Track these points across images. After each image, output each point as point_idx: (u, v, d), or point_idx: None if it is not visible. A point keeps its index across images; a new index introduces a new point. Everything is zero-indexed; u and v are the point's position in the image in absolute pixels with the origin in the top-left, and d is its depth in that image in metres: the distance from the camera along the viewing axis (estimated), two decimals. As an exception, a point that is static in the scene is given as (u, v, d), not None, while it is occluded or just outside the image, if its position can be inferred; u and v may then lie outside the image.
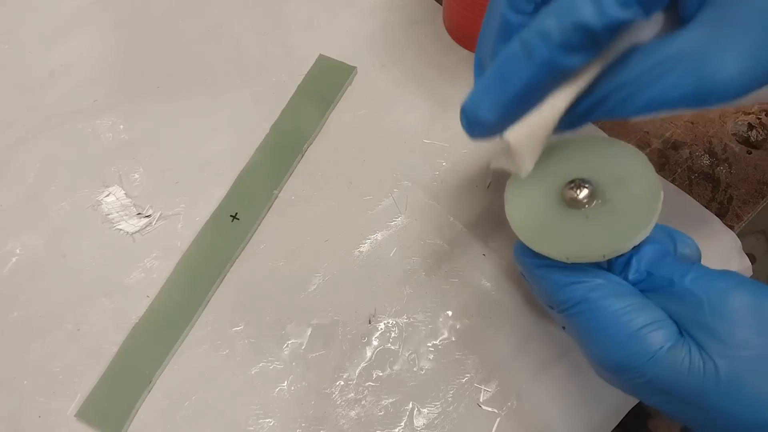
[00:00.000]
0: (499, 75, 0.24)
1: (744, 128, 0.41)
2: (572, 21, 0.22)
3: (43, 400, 0.34)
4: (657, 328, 0.24)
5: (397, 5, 0.46)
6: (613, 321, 0.25)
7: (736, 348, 0.23)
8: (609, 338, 0.25)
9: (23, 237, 0.39)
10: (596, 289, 0.25)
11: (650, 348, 0.24)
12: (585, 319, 0.26)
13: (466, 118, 0.25)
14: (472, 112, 0.25)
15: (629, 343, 0.24)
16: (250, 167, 0.40)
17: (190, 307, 0.36)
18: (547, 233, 0.27)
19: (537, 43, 0.23)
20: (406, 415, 0.34)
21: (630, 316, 0.25)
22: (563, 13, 0.22)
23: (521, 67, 0.23)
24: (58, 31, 0.46)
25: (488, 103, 0.24)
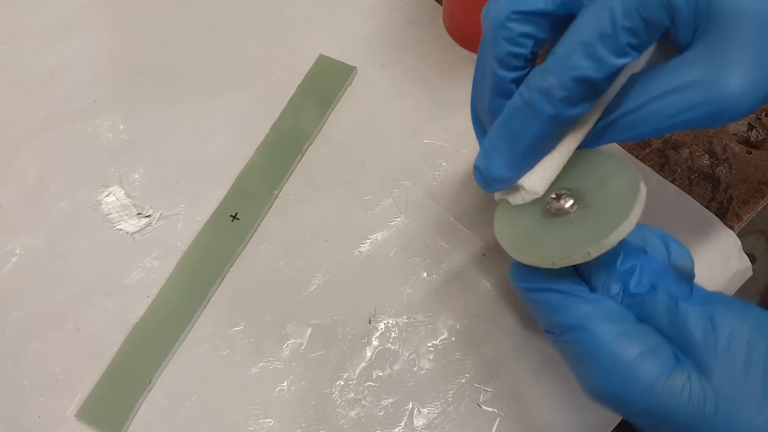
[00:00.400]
0: (508, 133, 0.25)
1: (744, 128, 0.41)
2: (572, 76, 0.23)
3: (43, 400, 0.34)
4: (653, 355, 0.23)
5: (397, 5, 0.46)
6: (607, 349, 0.24)
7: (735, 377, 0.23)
8: (603, 367, 0.24)
9: (23, 237, 0.39)
10: (590, 315, 0.25)
11: (647, 378, 0.23)
12: (578, 346, 0.25)
13: (481, 177, 0.27)
14: (486, 171, 0.26)
15: (624, 373, 0.23)
16: (250, 167, 0.40)
17: (190, 307, 0.36)
18: (533, 243, 0.27)
19: (540, 100, 0.24)
20: (406, 415, 0.34)
21: (625, 344, 0.24)
22: (562, 69, 0.23)
23: (528, 124, 0.24)
24: (58, 31, 0.46)
25: (500, 161, 0.26)
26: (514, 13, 0.24)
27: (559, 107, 0.24)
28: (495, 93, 0.26)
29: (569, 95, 0.23)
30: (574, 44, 0.23)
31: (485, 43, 0.26)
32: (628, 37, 0.22)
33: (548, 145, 0.26)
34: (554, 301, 0.26)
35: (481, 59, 0.27)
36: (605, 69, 0.23)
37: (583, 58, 0.23)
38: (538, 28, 0.25)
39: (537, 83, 0.24)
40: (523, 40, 0.25)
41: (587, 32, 0.23)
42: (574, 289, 0.25)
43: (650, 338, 0.24)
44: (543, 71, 0.24)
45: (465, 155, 0.41)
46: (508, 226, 0.28)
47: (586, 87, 0.23)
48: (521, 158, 0.26)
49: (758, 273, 0.55)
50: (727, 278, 0.37)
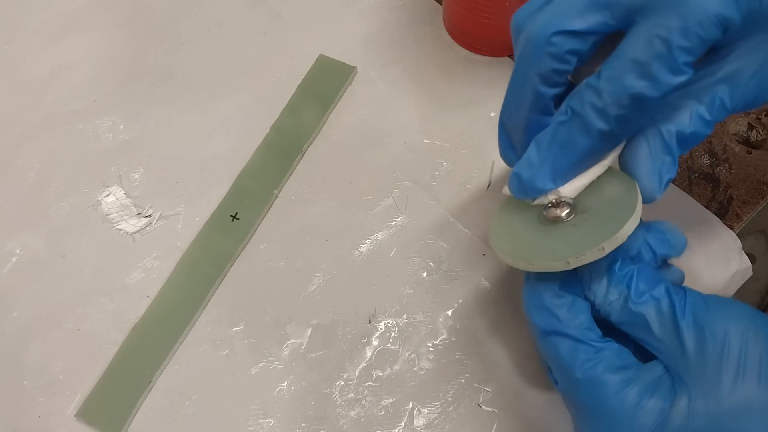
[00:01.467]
0: (556, 147, 0.25)
1: (744, 128, 0.41)
2: (628, 95, 0.23)
3: (43, 400, 0.34)
4: (652, 393, 0.24)
5: (397, 5, 0.46)
6: (610, 401, 0.24)
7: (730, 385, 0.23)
8: (609, 418, 0.24)
9: (23, 237, 0.39)
10: (596, 366, 0.25)
11: (651, 417, 0.23)
12: (583, 400, 0.25)
13: (520, 185, 0.26)
14: (529, 181, 0.26)
15: (630, 420, 0.24)
16: (250, 167, 0.40)
17: (190, 307, 0.36)
18: (540, 248, 0.27)
19: (594, 118, 0.24)
20: (406, 415, 0.34)
21: (626, 392, 0.24)
22: (618, 88, 0.23)
23: (580, 140, 0.24)
24: (58, 31, 0.46)
25: (545, 173, 0.26)
26: (560, 31, 0.24)
27: (614, 125, 0.24)
28: (534, 109, 0.26)
29: (624, 113, 0.23)
30: (628, 63, 0.23)
31: (525, 59, 0.25)
32: (685, 56, 0.22)
33: (595, 160, 0.26)
34: (562, 349, 0.26)
35: (520, 75, 0.26)
36: (662, 88, 0.23)
37: (638, 78, 0.23)
38: (585, 44, 0.24)
39: (591, 100, 0.24)
40: (569, 57, 0.25)
41: (641, 51, 0.23)
42: (585, 335, 0.25)
43: (648, 375, 0.24)
44: (595, 89, 0.24)
45: (465, 155, 0.41)
46: (507, 238, 0.28)
47: (640, 105, 0.23)
48: (566, 171, 0.26)
49: (758, 273, 0.55)
50: (727, 278, 0.37)
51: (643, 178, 0.25)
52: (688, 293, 0.25)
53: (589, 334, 0.25)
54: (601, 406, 0.24)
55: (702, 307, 0.24)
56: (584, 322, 0.26)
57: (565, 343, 0.25)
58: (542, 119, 0.26)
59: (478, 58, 0.44)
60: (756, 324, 0.24)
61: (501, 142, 0.29)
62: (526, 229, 0.28)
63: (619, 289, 0.26)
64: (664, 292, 0.25)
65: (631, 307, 0.25)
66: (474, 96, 0.42)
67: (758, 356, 0.23)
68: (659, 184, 0.25)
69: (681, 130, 0.25)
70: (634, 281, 0.25)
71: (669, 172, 0.25)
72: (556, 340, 0.26)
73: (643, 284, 0.25)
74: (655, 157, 0.25)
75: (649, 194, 0.25)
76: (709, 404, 0.23)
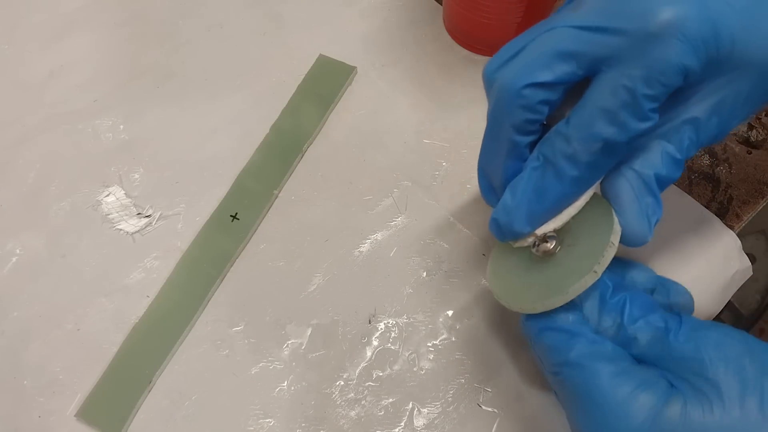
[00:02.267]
0: (530, 193, 0.26)
1: (744, 128, 0.41)
2: (597, 141, 0.24)
3: (43, 400, 0.34)
4: (647, 389, 0.24)
5: (397, 5, 0.46)
6: (602, 388, 0.24)
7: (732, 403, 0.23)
8: (597, 407, 0.24)
9: (23, 237, 0.39)
10: (588, 354, 0.25)
11: (641, 413, 0.24)
12: (574, 385, 0.25)
13: (499, 230, 0.27)
14: (506, 226, 0.27)
15: (618, 412, 0.24)
16: (250, 167, 0.40)
17: (190, 307, 0.36)
18: (523, 290, 0.28)
19: (565, 165, 0.25)
20: (406, 415, 0.34)
21: (619, 382, 0.24)
22: (587, 136, 0.24)
23: (553, 186, 0.26)
24: (58, 31, 0.46)
25: (522, 217, 0.26)
26: (530, 84, 0.25)
27: (584, 170, 0.25)
28: (510, 156, 0.27)
29: (594, 160, 0.24)
30: (595, 111, 0.24)
31: (498, 111, 0.26)
32: (649, 103, 0.23)
33: (568, 202, 0.27)
34: (557, 341, 0.26)
35: (494, 125, 0.27)
36: (629, 133, 0.24)
37: (606, 125, 0.24)
38: (555, 94, 0.25)
39: (561, 149, 0.25)
40: (541, 107, 0.25)
41: (608, 100, 0.23)
42: (579, 329, 0.26)
43: (645, 374, 0.25)
44: (565, 136, 0.25)
45: (465, 155, 0.41)
46: (501, 278, 0.30)
47: (610, 151, 0.24)
48: (542, 214, 0.27)
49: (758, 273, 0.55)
50: (727, 278, 0.37)
51: (632, 223, 0.26)
52: (683, 320, 0.26)
53: (584, 328, 0.26)
54: (594, 393, 0.24)
55: (698, 333, 0.25)
56: (578, 319, 0.26)
57: (559, 335, 0.26)
58: (518, 164, 0.27)
59: (478, 58, 0.44)
60: (751, 349, 0.24)
61: (481, 184, 0.30)
62: (518, 274, 0.29)
63: (611, 317, 0.26)
64: (659, 318, 0.26)
65: (624, 334, 0.26)
66: (474, 96, 0.42)
67: (756, 381, 0.23)
68: (648, 226, 0.26)
69: (658, 172, 0.26)
70: (627, 308, 0.26)
71: (655, 213, 0.26)
72: (551, 334, 0.26)
73: (637, 311, 0.26)
74: (641, 201, 0.26)
75: (641, 237, 0.26)
76: (705, 414, 0.23)
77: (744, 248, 0.38)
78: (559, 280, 0.26)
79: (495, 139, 0.27)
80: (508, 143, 0.27)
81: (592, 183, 0.26)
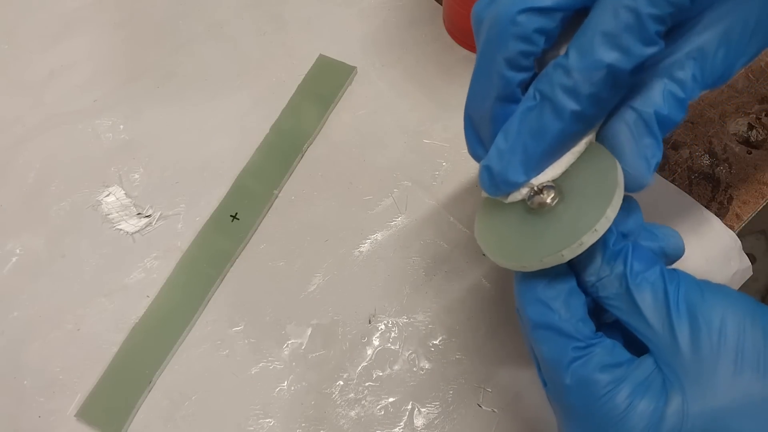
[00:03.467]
0: (525, 134, 0.24)
1: (744, 128, 0.41)
2: (600, 70, 0.22)
3: (43, 400, 0.34)
4: (644, 393, 0.23)
5: (397, 5, 0.46)
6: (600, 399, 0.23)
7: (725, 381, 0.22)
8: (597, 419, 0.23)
9: (23, 237, 0.39)
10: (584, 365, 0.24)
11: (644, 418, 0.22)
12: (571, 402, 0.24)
13: (490, 180, 0.25)
14: (500, 174, 0.24)
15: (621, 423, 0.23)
16: (250, 167, 0.40)
17: (190, 307, 0.36)
18: (533, 245, 0.25)
19: (564, 98, 0.23)
20: (406, 415, 0.34)
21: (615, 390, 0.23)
22: (588, 64, 0.22)
23: (550, 124, 0.23)
24: (58, 31, 0.46)
25: (517, 163, 0.24)
26: (525, 9, 0.23)
27: (585, 104, 0.23)
28: (500, 97, 0.25)
29: (596, 91, 0.22)
30: (597, 36, 0.22)
31: (490, 43, 0.24)
32: (655, 25, 0.22)
33: (568, 145, 0.25)
34: (554, 347, 0.24)
35: (484, 61, 0.25)
36: (634, 59, 0.22)
37: (609, 50, 0.22)
38: (552, 21, 0.23)
39: (560, 81, 0.23)
40: (537, 37, 0.23)
41: (610, 23, 0.22)
42: (578, 328, 0.24)
43: (639, 373, 0.23)
44: (564, 68, 0.23)
45: (465, 155, 0.40)
46: (495, 241, 0.27)
47: (613, 81, 0.22)
48: (539, 160, 0.24)
49: (758, 273, 0.55)
50: (727, 278, 0.37)
51: (630, 165, 0.24)
52: (682, 279, 0.24)
53: (582, 328, 0.24)
54: (591, 409, 0.23)
55: (697, 295, 0.23)
56: (578, 314, 0.25)
57: (555, 338, 0.24)
58: (510, 108, 0.25)
59: (478, 58, 0.44)
60: (753, 312, 0.23)
61: (467, 136, 0.27)
62: (512, 228, 0.26)
63: (611, 266, 0.24)
64: (658, 276, 0.24)
65: (623, 288, 0.24)
66: (474, 96, 0.42)
67: (757, 346, 0.22)
68: (647, 168, 0.24)
69: (659, 111, 0.24)
70: (629, 258, 0.24)
71: (655, 155, 0.24)
72: (547, 335, 0.24)
73: (638, 263, 0.24)
74: (639, 141, 0.24)
75: (639, 180, 0.24)
76: (705, 401, 0.22)
77: (744, 248, 0.38)
78: (568, 231, 0.23)
79: (484, 78, 0.25)
80: (499, 81, 0.24)
81: (595, 122, 0.24)
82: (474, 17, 0.25)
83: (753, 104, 0.42)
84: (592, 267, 0.25)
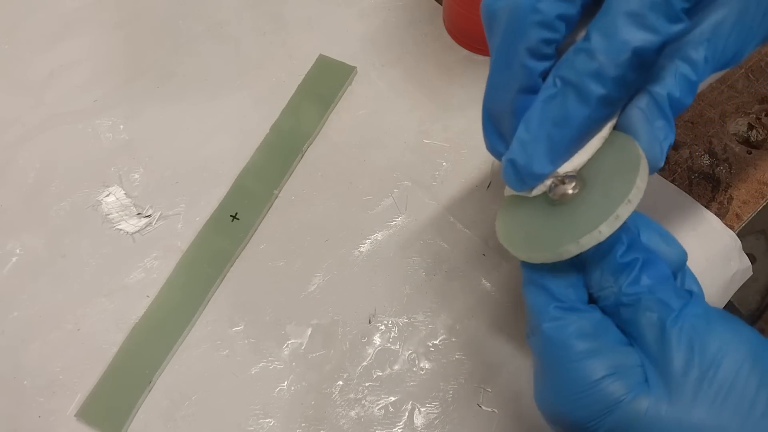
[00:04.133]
0: (549, 123, 0.23)
1: (744, 128, 0.41)
2: (626, 51, 0.21)
3: (43, 400, 0.34)
4: (619, 378, 0.22)
5: (397, 5, 0.46)
6: (573, 366, 0.23)
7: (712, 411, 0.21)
8: (564, 384, 0.23)
9: (23, 237, 0.39)
10: (565, 326, 0.23)
11: (607, 400, 0.22)
12: (546, 356, 0.24)
13: (516, 174, 0.24)
14: (525, 167, 0.23)
15: (584, 393, 0.22)
16: (250, 167, 0.40)
17: (190, 307, 0.36)
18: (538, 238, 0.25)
19: (589, 83, 0.22)
20: (406, 415, 0.34)
21: (592, 363, 0.22)
22: (613, 45, 0.21)
23: (576, 111, 0.22)
24: (58, 31, 0.46)
25: (542, 154, 0.23)
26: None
27: (611, 88, 0.22)
28: (522, 89, 0.24)
29: (622, 73, 0.21)
30: (620, 17, 0.21)
31: (510, 33, 0.23)
32: (681, 2, 0.21)
33: (593, 132, 0.24)
34: (538, 302, 0.24)
35: (503, 53, 0.24)
36: (660, 38, 0.21)
37: (634, 30, 0.21)
38: (573, 7, 0.23)
39: (583, 65, 0.22)
40: (558, 24, 0.22)
41: (633, 2, 0.21)
42: (566, 293, 0.24)
43: (622, 358, 0.23)
44: (587, 52, 0.22)
45: (465, 155, 0.41)
46: (517, 230, 0.26)
47: (639, 62, 0.22)
48: (565, 148, 0.23)
49: (758, 273, 0.55)
50: (727, 278, 0.37)
51: (644, 147, 0.24)
52: (691, 302, 0.23)
53: (570, 293, 0.24)
54: (559, 366, 0.23)
55: (702, 323, 0.22)
56: (570, 282, 0.24)
57: (542, 295, 0.24)
58: (532, 100, 0.24)
59: (478, 58, 0.44)
60: (757, 355, 0.22)
61: (486, 132, 0.26)
62: (537, 221, 0.25)
63: (615, 278, 0.23)
64: (669, 292, 0.23)
65: (623, 302, 0.23)
66: (474, 96, 0.42)
67: (748, 389, 0.21)
68: (660, 150, 0.24)
69: (671, 93, 0.24)
70: (635, 272, 0.23)
71: (667, 138, 0.24)
72: (535, 291, 0.24)
73: (646, 278, 0.23)
74: (652, 123, 0.24)
75: (653, 163, 0.24)
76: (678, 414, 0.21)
77: (744, 248, 0.38)
78: (600, 209, 0.23)
79: (505, 70, 0.24)
80: (521, 70, 0.23)
81: (620, 105, 0.24)
82: (485, 11, 0.24)
83: (753, 104, 0.42)
84: (595, 276, 0.24)
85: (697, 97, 0.42)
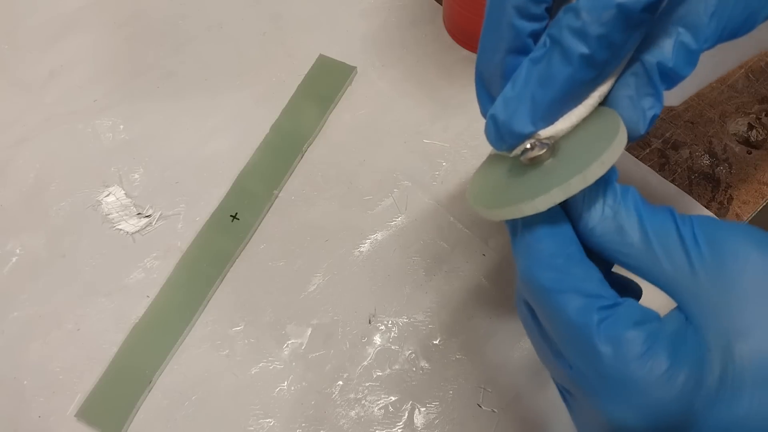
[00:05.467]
0: (533, 81, 0.22)
1: (744, 128, 0.41)
2: (609, 8, 0.21)
3: (43, 400, 0.34)
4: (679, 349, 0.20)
5: (397, 5, 0.46)
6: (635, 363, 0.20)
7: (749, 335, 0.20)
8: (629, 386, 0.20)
9: (23, 237, 0.39)
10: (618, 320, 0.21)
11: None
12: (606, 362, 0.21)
13: (497, 130, 0.23)
14: (505, 123, 0.23)
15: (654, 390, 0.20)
16: (250, 167, 0.40)
17: (190, 307, 0.36)
18: (523, 190, 0.23)
19: (572, 41, 0.21)
20: (406, 415, 0.34)
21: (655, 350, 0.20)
22: (597, 3, 0.21)
23: (558, 69, 0.22)
24: (58, 31, 0.46)
25: (523, 112, 0.23)
26: None
27: (595, 47, 0.21)
28: (511, 49, 0.23)
29: (606, 32, 0.21)
30: None
31: None
32: None
33: (578, 95, 0.23)
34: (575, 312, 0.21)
35: (493, 13, 0.23)
36: None
37: None
38: None
39: (568, 22, 0.21)
40: None
41: None
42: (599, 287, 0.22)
43: (670, 326, 0.21)
44: (574, 11, 0.21)
45: (465, 155, 0.41)
46: (486, 191, 0.25)
47: (625, 21, 0.21)
48: (546, 109, 0.23)
49: (758, 273, 0.54)
50: (727, 278, 0.37)
51: (624, 112, 0.23)
52: (695, 217, 0.22)
53: (605, 285, 0.22)
54: (627, 373, 0.20)
55: (714, 226, 0.21)
56: (597, 273, 0.22)
57: (576, 300, 0.21)
58: (520, 61, 0.23)
59: (478, 58, 0.44)
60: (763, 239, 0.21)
61: (479, 94, 0.26)
62: (505, 178, 0.25)
63: (615, 205, 0.22)
64: (668, 213, 0.22)
65: (627, 227, 0.22)
66: (474, 96, 0.42)
67: None
68: (643, 118, 0.23)
69: (662, 62, 0.23)
70: (631, 198, 0.22)
71: (653, 107, 0.23)
72: (566, 299, 0.22)
73: (643, 205, 0.22)
74: (638, 90, 0.23)
75: (633, 130, 0.23)
76: (749, 344, 0.20)
77: (744, 248, 0.38)
78: (548, 184, 0.22)
79: (494, 30, 0.24)
80: (509, 32, 0.23)
81: (607, 70, 0.23)
82: None
83: (753, 104, 0.42)
84: (595, 210, 0.23)
85: (697, 97, 0.43)
